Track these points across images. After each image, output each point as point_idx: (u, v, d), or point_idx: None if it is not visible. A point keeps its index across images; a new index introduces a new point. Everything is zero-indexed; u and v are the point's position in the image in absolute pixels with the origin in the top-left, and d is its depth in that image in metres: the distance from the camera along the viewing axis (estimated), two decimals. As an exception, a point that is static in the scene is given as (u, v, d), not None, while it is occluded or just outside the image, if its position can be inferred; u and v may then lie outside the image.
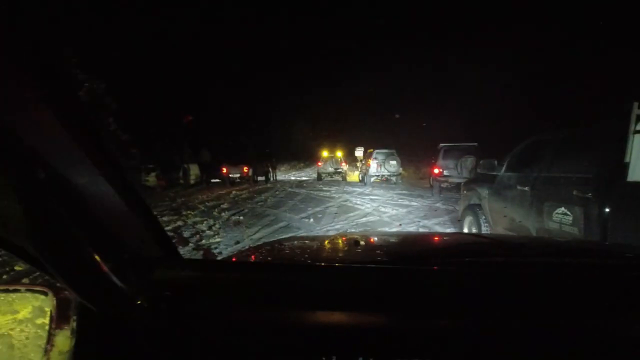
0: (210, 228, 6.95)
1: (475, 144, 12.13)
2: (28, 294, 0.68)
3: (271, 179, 20.66)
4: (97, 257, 0.54)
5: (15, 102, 0.44)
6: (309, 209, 9.13)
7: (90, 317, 0.62)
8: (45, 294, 0.67)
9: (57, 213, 0.49)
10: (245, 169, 19.09)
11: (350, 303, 0.67)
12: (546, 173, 3.40)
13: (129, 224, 0.64)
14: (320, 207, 9.31)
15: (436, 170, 11.92)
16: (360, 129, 32.02)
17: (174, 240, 4.94)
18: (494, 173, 4.43)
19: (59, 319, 0.65)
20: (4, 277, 4.21)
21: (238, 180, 18.72)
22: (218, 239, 6.10)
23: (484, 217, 4.67)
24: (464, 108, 22.84)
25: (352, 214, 8.24)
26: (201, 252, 5.29)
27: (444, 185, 11.75)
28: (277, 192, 13.51)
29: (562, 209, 3.01)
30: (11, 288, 0.69)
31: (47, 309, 0.66)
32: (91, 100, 15.70)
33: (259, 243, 5.65)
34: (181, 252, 0.73)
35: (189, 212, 9.06)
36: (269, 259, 1.17)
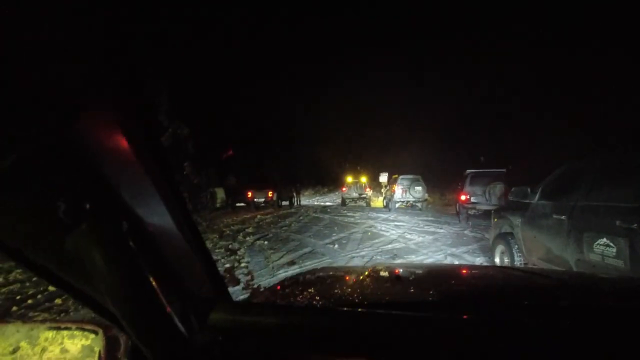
0: (234, 252, 6.97)
1: (504, 170, 11.85)
2: (78, 332, 0.67)
3: (295, 203, 20.73)
4: (163, 300, 0.52)
5: (106, 149, 0.44)
6: (334, 234, 9.05)
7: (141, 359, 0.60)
8: (96, 332, 0.66)
9: (137, 263, 0.47)
10: (270, 194, 19.25)
11: (389, 351, 0.63)
12: (584, 201, 3.24)
13: (192, 266, 0.62)
14: (344, 233, 9.21)
15: (463, 197, 11.64)
16: (385, 154, 31.90)
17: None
18: (527, 201, 4.27)
19: (108, 359, 0.63)
20: (38, 296, 4.32)
21: (263, 204, 18.87)
22: (243, 264, 6.10)
23: (516, 246, 4.48)
24: (490, 134, 22.43)
25: (377, 241, 8.10)
26: (249, 291, 5.18)
27: (471, 212, 11.43)
28: (301, 217, 13.50)
29: (604, 239, 2.85)
30: (62, 326, 0.68)
31: (97, 349, 0.65)
32: (173, 145, 15.80)
33: (283, 269, 5.62)
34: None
35: (214, 235, 9.15)
36: (313, 297, 1.14)
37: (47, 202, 0.39)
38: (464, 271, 1.73)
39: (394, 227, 10.40)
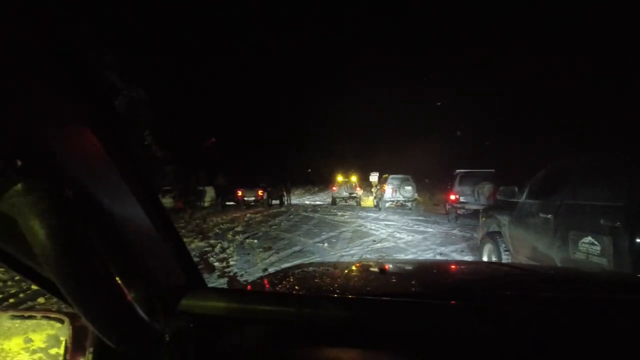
0: (223, 251, 6.92)
1: (493, 170, 11.99)
2: (44, 321, 0.64)
3: (285, 202, 20.65)
4: (122, 286, 0.49)
5: (45, 110, 0.42)
6: (323, 233, 9.04)
7: (108, 349, 0.56)
8: (62, 321, 0.63)
9: (84, 236, 0.44)
10: (260, 193, 19.16)
11: (380, 339, 0.63)
12: (570, 200, 3.28)
13: (158, 251, 0.60)
14: (334, 232, 9.21)
15: (452, 197, 11.75)
16: (376, 154, 32.05)
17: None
18: (515, 200, 4.32)
19: (74, 349, 0.61)
20: (21, 295, 4.23)
21: (253, 203, 18.77)
22: (232, 262, 6.05)
23: (504, 245, 4.52)
24: (480, 134, 22.69)
25: (366, 239, 8.12)
26: (226, 280, 5.19)
27: (460, 211, 11.54)
28: (291, 216, 13.47)
29: (589, 238, 2.89)
30: (26, 314, 0.65)
31: (63, 338, 0.62)
32: (127, 110, 13.84)
33: (272, 267, 5.59)
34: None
35: (201, 235, 9.08)
36: (293, 287, 1.12)
37: None
38: (450, 265, 1.74)
39: (384, 226, 10.43)
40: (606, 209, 2.78)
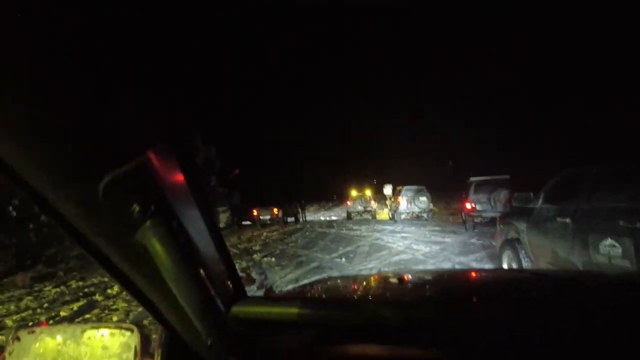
0: (242, 271, 6.98)
1: (508, 176, 11.85)
2: (116, 331, 0.76)
3: (301, 219, 20.71)
4: (205, 291, 0.63)
5: (160, 168, 0.56)
6: (340, 248, 9.04)
7: (174, 354, 0.70)
8: (132, 330, 0.75)
9: (187, 254, 0.58)
10: (275, 211, 19.27)
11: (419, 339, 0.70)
12: (587, 204, 3.27)
13: (217, 264, 0.71)
14: (351, 247, 9.19)
15: (468, 205, 11.63)
16: (389, 167, 31.97)
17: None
18: (531, 206, 4.30)
19: (143, 354, 0.73)
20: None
21: (268, 222, 18.89)
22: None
23: (523, 251, 4.48)
24: (493, 140, 22.51)
25: (384, 253, 8.08)
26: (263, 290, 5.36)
27: (477, 220, 11.40)
28: (307, 233, 13.49)
29: (610, 240, 2.87)
30: (102, 326, 0.78)
31: (133, 345, 0.74)
32: (205, 164, 19.44)
33: (291, 284, 5.62)
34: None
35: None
36: (322, 294, 1.20)
37: (124, 206, 0.52)
38: (467, 274, 1.76)
39: (401, 238, 10.37)
40: (625, 210, 2.77)
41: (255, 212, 18.97)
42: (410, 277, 1.43)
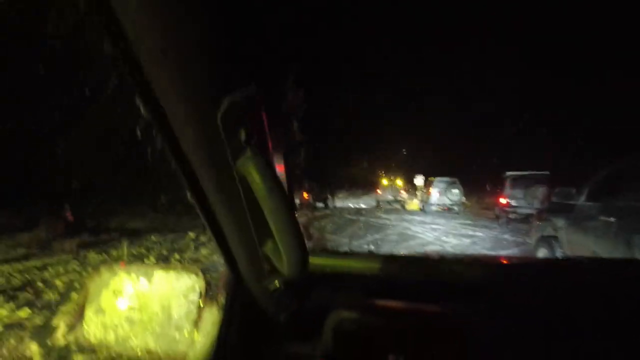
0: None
1: (547, 172, 11.38)
2: (183, 273, 0.83)
3: (330, 205, 20.81)
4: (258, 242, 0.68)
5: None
6: (369, 236, 9.06)
7: (237, 296, 0.76)
8: (197, 274, 0.82)
9: (279, 184, 0.62)
10: (305, 196, 19.45)
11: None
12: (634, 202, 3.12)
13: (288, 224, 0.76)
14: (379, 235, 9.20)
15: (503, 200, 11.31)
16: (422, 157, 31.42)
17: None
18: (573, 202, 4.14)
19: (207, 296, 0.79)
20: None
21: (298, 206, 19.09)
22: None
23: (560, 249, 4.34)
24: (530, 134, 21.59)
25: (412, 243, 8.05)
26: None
27: (511, 216, 11.06)
28: (336, 219, 13.59)
29: (656, 242, 2.74)
30: (170, 268, 0.85)
31: (198, 288, 0.81)
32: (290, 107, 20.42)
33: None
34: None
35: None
36: None
37: (233, 133, 0.56)
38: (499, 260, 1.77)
39: (430, 229, 10.26)
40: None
41: (285, 196, 19.23)
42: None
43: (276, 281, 0.73)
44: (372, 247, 7.48)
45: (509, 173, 11.78)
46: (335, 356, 0.75)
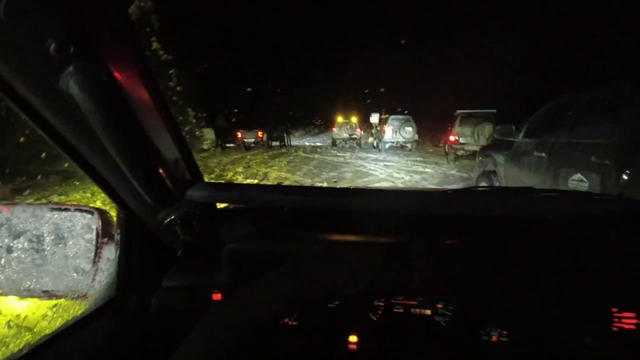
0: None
1: (494, 110, 11.82)
2: (77, 213, 0.78)
3: (286, 144, 20.67)
4: (144, 171, 0.64)
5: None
6: (323, 173, 9.18)
7: (132, 233, 0.75)
8: (92, 213, 0.78)
9: (121, 118, 0.56)
10: (259, 134, 19.11)
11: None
12: (565, 139, 3.32)
13: (169, 147, 0.71)
14: (334, 172, 9.35)
15: (452, 138, 11.73)
16: (377, 94, 31.33)
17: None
18: (511, 139, 4.35)
19: (104, 234, 0.76)
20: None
21: (253, 145, 18.83)
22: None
23: (498, 184, 4.63)
24: (482, 73, 21.99)
25: (366, 179, 8.27)
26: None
27: (459, 152, 11.58)
28: (291, 157, 13.57)
29: (579, 175, 2.97)
30: (63, 207, 0.79)
31: (94, 226, 0.77)
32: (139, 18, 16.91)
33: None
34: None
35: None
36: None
37: (33, 35, 0.45)
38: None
39: (383, 166, 10.56)
40: (597, 146, 2.83)
41: (239, 135, 18.79)
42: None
43: (171, 213, 0.71)
44: (326, 185, 7.61)
45: (459, 111, 12.12)
46: (230, 287, 0.77)
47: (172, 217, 0.72)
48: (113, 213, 0.79)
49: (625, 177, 2.57)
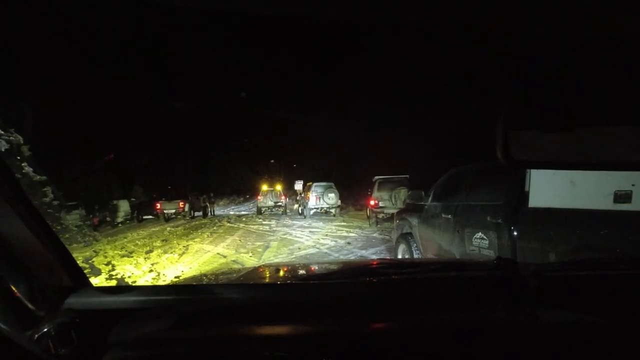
0: (139, 267, 6.52)
1: (407, 176, 12.92)
2: None
3: (209, 214, 19.99)
4: (9, 284, 0.59)
5: None
6: (249, 244, 8.96)
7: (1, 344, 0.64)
8: None
9: None
10: (181, 204, 18.35)
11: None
12: (465, 202, 3.73)
13: (39, 256, 0.67)
14: (260, 242, 9.17)
15: (372, 202, 12.43)
16: (300, 164, 32.44)
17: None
18: (422, 203, 4.75)
19: None
20: None
21: (173, 216, 17.94)
22: (148, 284, 5.74)
23: (415, 244, 4.93)
24: (398, 142, 24.14)
25: (292, 247, 8.23)
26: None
27: (380, 215, 12.24)
28: (215, 228, 13.09)
29: (480, 233, 3.31)
30: None
31: None
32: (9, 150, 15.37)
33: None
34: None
35: (114, 252, 8.45)
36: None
37: None
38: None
39: (309, 233, 10.64)
40: (490, 207, 3.23)
41: (158, 206, 17.85)
42: (287, 268, 1.53)
43: (43, 326, 0.65)
44: (251, 255, 7.40)
45: (376, 177, 13.02)
46: None
47: (45, 330, 0.65)
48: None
49: (514, 233, 2.92)
